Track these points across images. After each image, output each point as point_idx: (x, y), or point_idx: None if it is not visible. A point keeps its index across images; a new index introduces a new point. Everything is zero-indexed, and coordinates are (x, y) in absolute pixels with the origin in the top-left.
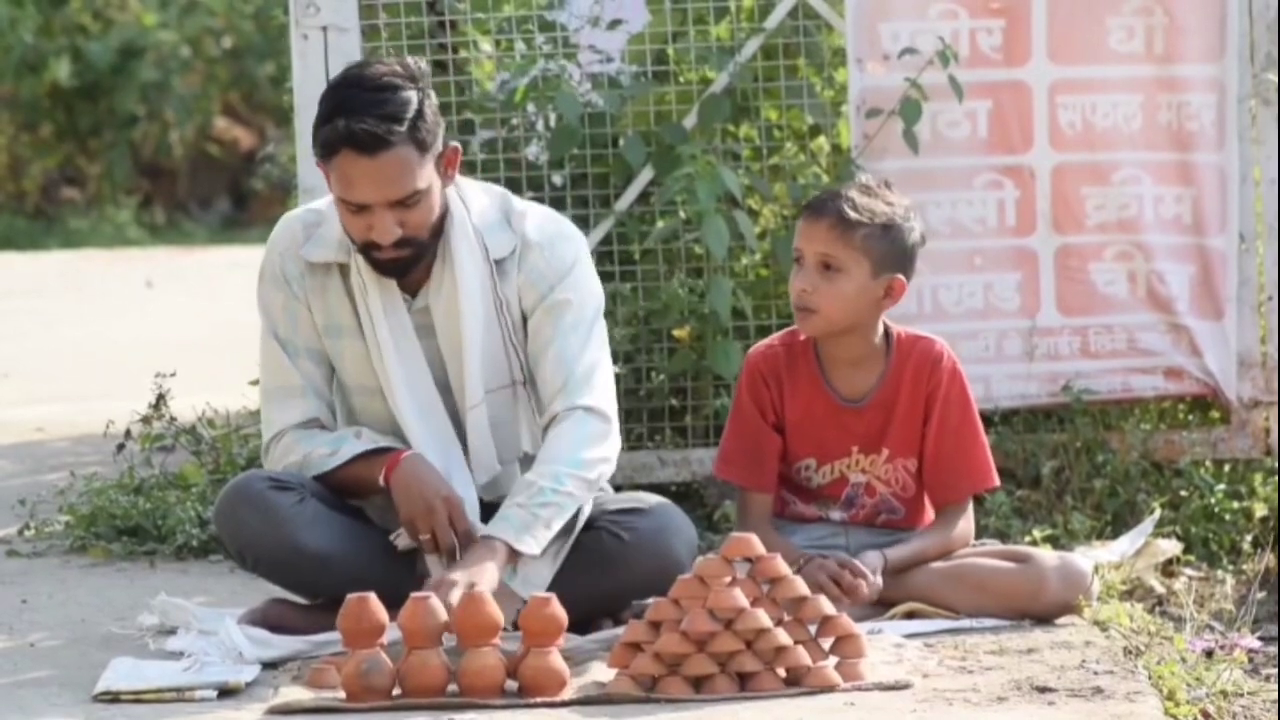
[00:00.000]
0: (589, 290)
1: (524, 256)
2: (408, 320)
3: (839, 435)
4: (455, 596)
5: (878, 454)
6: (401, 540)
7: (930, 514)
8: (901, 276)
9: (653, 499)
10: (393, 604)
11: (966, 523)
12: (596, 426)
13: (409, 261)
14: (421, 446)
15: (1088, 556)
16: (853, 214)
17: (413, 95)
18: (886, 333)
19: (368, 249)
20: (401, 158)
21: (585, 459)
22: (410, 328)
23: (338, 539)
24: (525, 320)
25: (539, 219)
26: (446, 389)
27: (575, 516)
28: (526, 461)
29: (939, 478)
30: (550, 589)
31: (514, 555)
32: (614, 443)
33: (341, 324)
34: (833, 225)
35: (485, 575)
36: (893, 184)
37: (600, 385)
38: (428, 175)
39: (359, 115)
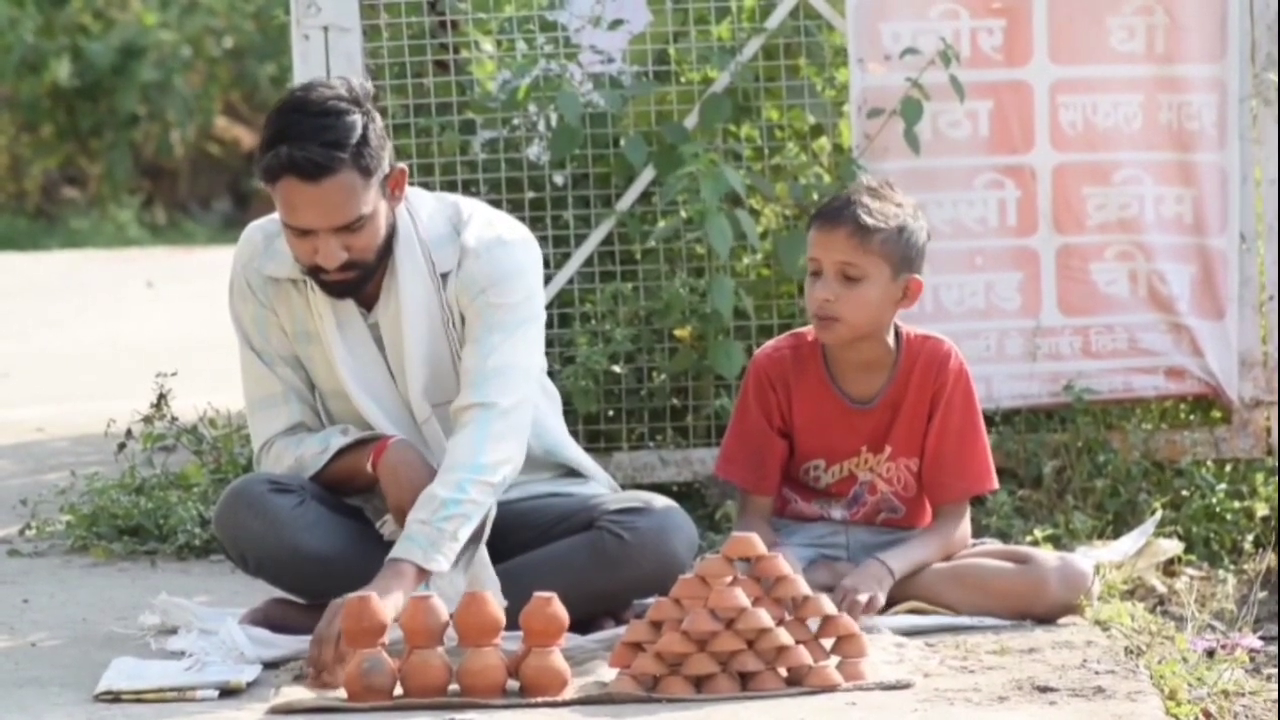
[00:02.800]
0: (523, 295)
1: (462, 264)
2: (365, 332)
3: (848, 435)
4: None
5: (882, 452)
6: (388, 528)
7: (929, 514)
8: (918, 276)
9: (653, 498)
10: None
11: (964, 524)
12: (497, 425)
13: (355, 283)
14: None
15: (1089, 556)
16: (869, 220)
17: (357, 119)
18: (897, 333)
19: (314, 272)
20: (345, 184)
21: (487, 463)
22: (369, 339)
23: (338, 541)
24: None
25: (480, 227)
26: (404, 402)
27: (483, 521)
28: None
29: (938, 477)
30: (551, 588)
31: (424, 574)
32: (517, 440)
33: (308, 330)
34: (851, 233)
35: (392, 603)
36: (894, 184)
37: (510, 384)
38: (372, 199)
39: (301, 142)
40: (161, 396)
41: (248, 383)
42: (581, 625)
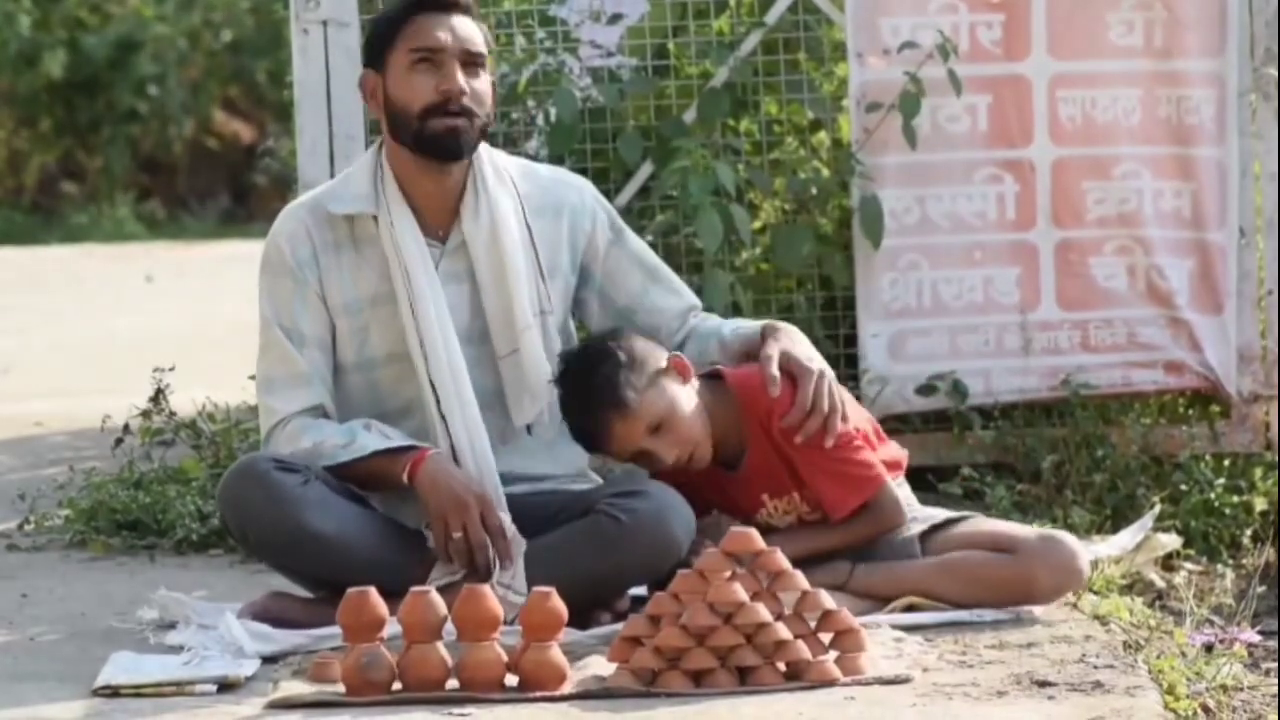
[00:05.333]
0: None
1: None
2: (445, 263)
3: (745, 495)
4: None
5: (783, 496)
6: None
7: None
8: (665, 361)
9: (651, 483)
10: (394, 591)
11: (880, 515)
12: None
13: (464, 139)
14: (448, 407)
15: (1088, 551)
16: (622, 405)
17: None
18: (724, 386)
19: (433, 111)
20: (472, 24)
21: None
22: (451, 269)
23: (342, 522)
24: (569, 267)
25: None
26: (472, 339)
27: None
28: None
29: (826, 501)
30: (549, 572)
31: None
32: None
33: (365, 295)
34: (621, 422)
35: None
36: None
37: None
38: (488, 64)
39: None
40: (160, 391)
41: (267, 361)
42: (579, 614)
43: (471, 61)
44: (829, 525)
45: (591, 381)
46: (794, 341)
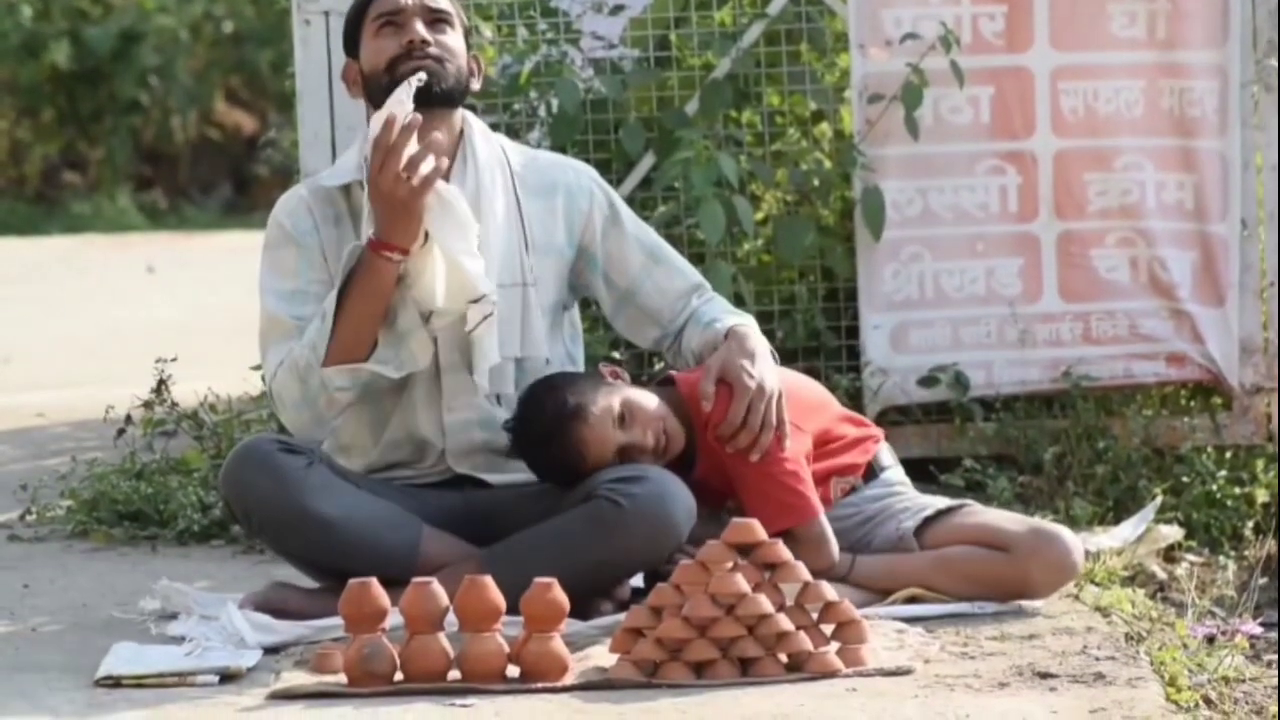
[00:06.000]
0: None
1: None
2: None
3: (701, 495)
4: None
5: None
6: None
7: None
8: (601, 365)
9: (651, 469)
10: (393, 579)
11: (804, 545)
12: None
13: (439, 77)
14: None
15: (1090, 543)
16: (580, 412)
17: None
18: (677, 391)
19: (399, 60)
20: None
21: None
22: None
23: (344, 506)
24: (566, 244)
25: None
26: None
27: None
28: (519, 366)
29: (746, 514)
30: (550, 559)
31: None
32: None
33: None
34: (587, 427)
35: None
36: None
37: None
38: (458, 27)
39: None
40: (161, 381)
41: (269, 329)
42: (580, 602)
43: (437, 19)
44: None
45: (544, 414)
46: (746, 352)
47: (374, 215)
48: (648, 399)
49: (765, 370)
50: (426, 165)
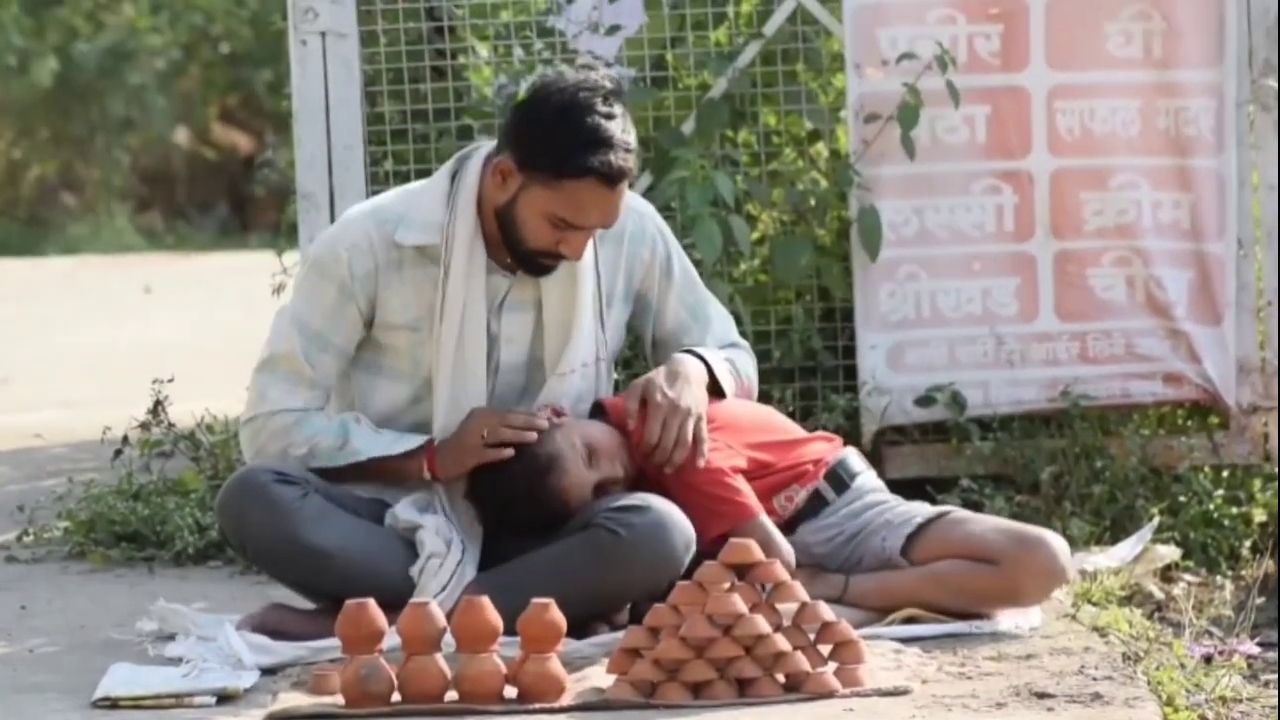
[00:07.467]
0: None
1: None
2: (484, 307)
3: None
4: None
5: None
6: (400, 523)
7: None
8: (540, 409)
9: (651, 498)
10: (391, 604)
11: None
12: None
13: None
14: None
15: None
16: (550, 463)
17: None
18: (608, 415)
19: (542, 255)
20: (627, 193)
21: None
22: (483, 315)
23: (339, 536)
24: (624, 295)
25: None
26: (526, 367)
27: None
28: None
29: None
30: (548, 586)
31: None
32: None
33: (405, 319)
34: (562, 473)
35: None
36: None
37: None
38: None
39: (618, 150)
40: (158, 402)
41: (278, 350)
42: (577, 628)
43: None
44: None
45: (517, 477)
46: (670, 375)
47: (449, 440)
48: (599, 430)
49: (683, 391)
50: (504, 452)
